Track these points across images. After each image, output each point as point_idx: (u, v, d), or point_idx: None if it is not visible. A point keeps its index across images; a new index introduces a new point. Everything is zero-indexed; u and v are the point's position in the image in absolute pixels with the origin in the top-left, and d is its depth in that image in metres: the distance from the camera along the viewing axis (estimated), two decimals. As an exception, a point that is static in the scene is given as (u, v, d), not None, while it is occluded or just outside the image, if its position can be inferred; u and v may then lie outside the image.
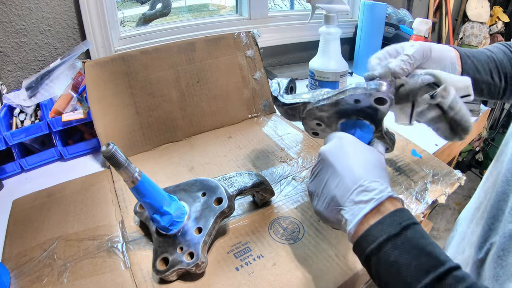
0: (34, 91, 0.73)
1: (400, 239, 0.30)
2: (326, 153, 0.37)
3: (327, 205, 0.36)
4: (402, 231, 0.30)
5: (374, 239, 0.31)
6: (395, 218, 0.31)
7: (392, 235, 0.30)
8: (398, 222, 0.31)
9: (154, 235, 0.46)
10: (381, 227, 0.31)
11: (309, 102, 0.45)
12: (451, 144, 0.84)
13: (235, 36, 0.80)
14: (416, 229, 0.31)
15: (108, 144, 0.37)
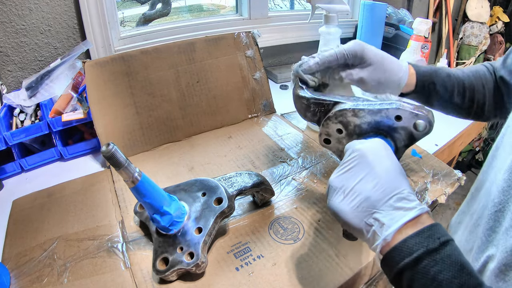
0: (34, 91, 0.73)
1: (440, 254, 0.28)
2: (365, 151, 0.34)
3: (357, 205, 0.33)
4: (441, 246, 0.29)
5: (411, 251, 0.29)
6: (433, 232, 0.29)
7: (431, 249, 0.28)
8: (436, 237, 0.29)
9: (154, 235, 0.46)
10: (419, 239, 0.29)
11: (345, 103, 0.42)
12: (451, 144, 0.84)
13: (235, 36, 0.80)
14: (453, 245, 0.29)
15: (108, 144, 0.37)
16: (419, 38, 0.98)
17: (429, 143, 0.78)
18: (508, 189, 0.32)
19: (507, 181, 0.33)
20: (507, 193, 0.33)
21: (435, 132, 0.88)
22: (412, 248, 0.29)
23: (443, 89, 0.52)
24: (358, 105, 0.41)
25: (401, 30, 1.19)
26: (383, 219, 0.31)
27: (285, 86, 1.10)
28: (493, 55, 2.04)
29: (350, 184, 0.34)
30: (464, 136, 0.92)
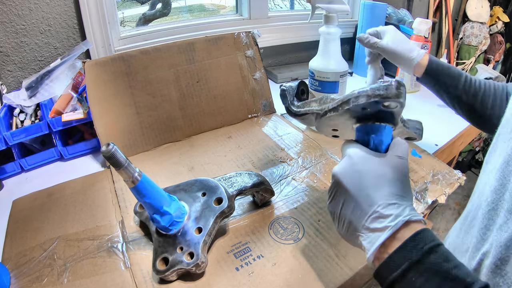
0: (34, 91, 0.73)
1: (424, 265, 0.29)
2: (338, 176, 0.35)
3: (346, 229, 0.35)
4: (424, 256, 0.29)
5: (397, 266, 0.30)
6: (416, 243, 0.30)
7: (414, 262, 0.29)
8: (420, 247, 0.30)
9: (154, 235, 0.46)
10: (403, 254, 0.30)
11: (318, 113, 0.40)
12: (451, 144, 0.84)
13: (235, 36, 0.80)
14: (439, 251, 0.30)
15: (108, 144, 0.37)
16: (419, 38, 0.98)
17: (429, 143, 0.78)
18: (500, 188, 0.33)
19: (499, 180, 0.33)
20: (499, 191, 0.33)
21: (435, 132, 0.88)
22: (398, 262, 0.30)
23: (451, 81, 0.60)
24: (327, 112, 0.38)
25: (401, 30, 1.19)
26: (364, 242, 0.33)
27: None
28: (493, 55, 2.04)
29: (337, 211, 0.35)
30: (464, 136, 0.92)
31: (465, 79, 0.60)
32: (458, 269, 0.29)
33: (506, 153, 0.34)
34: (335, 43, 0.73)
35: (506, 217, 0.32)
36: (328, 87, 0.76)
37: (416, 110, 0.96)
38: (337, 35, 0.73)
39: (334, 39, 0.73)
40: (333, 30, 0.72)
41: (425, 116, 0.93)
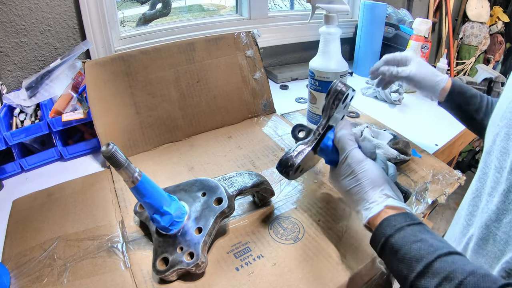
0: (34, 91, 0.73)
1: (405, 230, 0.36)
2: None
3: (350, 196, 0.43)
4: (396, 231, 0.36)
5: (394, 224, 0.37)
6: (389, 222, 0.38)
7: (387, 236, 0.36)
8: (413, 218, 0.37)
9: (154, 235, 0.46)
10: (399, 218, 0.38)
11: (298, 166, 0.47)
12: (451, 144, 0.84)
13: (235, 36, 0.80)
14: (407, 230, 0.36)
15: (108, 144, 0.37)
16: (419, 38, 0.98)
17: (429, 143, 0.78)
18: (483, 176, 0.37)
19: (482, 170, 0.37)
20: (483, 180, 0.37)
21: (435, 132, 0.88)
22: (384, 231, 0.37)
23: (470, 104, 0.60)
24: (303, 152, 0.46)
25: (401, 30, 1.20)
26: (362, 209, 0.41)
27: (285, 86, 1.10)
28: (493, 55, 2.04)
29: (352, 184, 0.43)
30: (464, 136, 0.92)
31: (480, 99, 0.60)
32: (421, 242, 0.34)
33: (488, 144, 0.37)
34: (335, 43, 0.73)
35: (486, 200, 0.35)
36: (328, 86, 0.76)
37: (416, 110, 0.96)
38: (337, 35, 0.73)
39: (334, 39, 0.73)
40: (333, 30, 0.72)
41: (425, 116, 0.93)
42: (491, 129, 0.38)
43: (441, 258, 0.31)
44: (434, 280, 0.30)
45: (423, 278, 0.31)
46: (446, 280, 0.29)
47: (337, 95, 0.46)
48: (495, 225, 0.33)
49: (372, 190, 0.40)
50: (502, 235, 0.33)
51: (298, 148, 0.46)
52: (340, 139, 0.45)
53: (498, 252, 0.33)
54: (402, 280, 0.34)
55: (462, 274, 0.29)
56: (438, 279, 0.30)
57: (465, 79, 0.94)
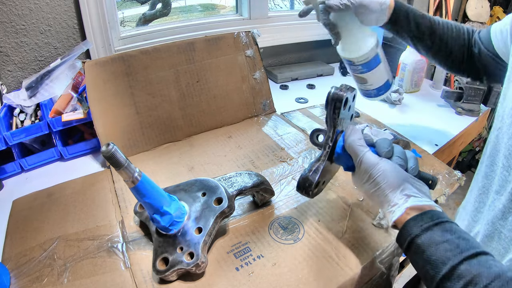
0: (34, 91, 0.73)
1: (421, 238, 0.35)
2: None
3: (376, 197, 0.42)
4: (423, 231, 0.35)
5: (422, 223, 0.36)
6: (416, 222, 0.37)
7: (413, 236, 0.36)
8: (420, 225, 0.36)
9: (154, 235, 0.46)
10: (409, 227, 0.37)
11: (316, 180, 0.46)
12: (451, 144, 0.84)
13: (235, 36, 0.80)
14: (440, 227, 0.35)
15: (108, 144, 0.37)
16: (419, 38, 0.97)
17: (429, 143, 0.78)
18: (491, 174, 0.37)
19: (489, 167, 0.37)
20: (490, 177, 0.37)
21: (435, 132, 0.88)
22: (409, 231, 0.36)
23: (416, 27, 0.59)
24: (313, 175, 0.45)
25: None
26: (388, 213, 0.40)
27: (285, 86, 1.10)
28: (493, 55, 2.03)
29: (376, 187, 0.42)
30: (464, 136, 0.92)
31: (429, 20, 0.60)
32: (448, 243, 0.33)
33: (492, 142, 0.38)
34: (352, 20, 0.63)
35: (493, 197, 0.35)
36: (372, 63, 0.67)
37: (416, 110, 0.96)
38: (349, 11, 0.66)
39: (350, 16, 0.63)
40: None
41: (425, 116, 0.93)
42: (496, 125, 0.38)
43: (467, 260, 0.31)
44: (459, 283, 0.30)
45: (448, 281, 0.31)
46: (471, 284, 0.29)
47: (335, 104, 0.44)
48: (500, 223, 0.34)
49: (392, 193, 0.39)
50: (507, 233, 0.33)
51: (312, 167, 0.45)
52: (350, 146, 0.44)
53: (503, 250, 0.33)
54: (428, 281, 0.34)
55: (487, 278, 0.29)
56: (463, 283, 0.30)
57: (465, 79, 0.94)
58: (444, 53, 0.62)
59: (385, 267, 0.49)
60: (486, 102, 0.95)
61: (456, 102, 0.96)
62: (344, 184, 0.61)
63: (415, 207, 0.37)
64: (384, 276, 0.50)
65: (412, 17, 0.59)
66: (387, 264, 0.49)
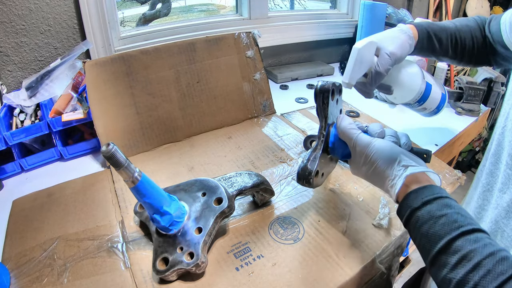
0: (34, 91, 0.73)
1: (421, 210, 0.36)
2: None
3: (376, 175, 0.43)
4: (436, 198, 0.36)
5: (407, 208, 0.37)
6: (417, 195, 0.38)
7: (413, 208, 0.37)
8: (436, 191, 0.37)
9: (154, 235, 0.46)
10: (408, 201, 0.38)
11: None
12: (451, 144, 0.84)
13: (235, 37, 0.80)
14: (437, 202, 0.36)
15: (108, 144, 0.37)
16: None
17: (429, 143, 0.78)
18: (495, 171, 0.38)
19: (494, 164, 0.38)
20: (495, 174, 0.37)
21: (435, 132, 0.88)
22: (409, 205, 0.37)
23: (439, 44, 0.60)
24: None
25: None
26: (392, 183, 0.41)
27: (285, 86, 1.10)
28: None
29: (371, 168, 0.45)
30: (464, 136, 0.92)
31: (449, 33, 0.60)
32: (446, 217, 0.34)
33: (497, 139, 0.38)
34: (394, 70, 0.59)
35: (497, 195, 0.36)
36: (426, 94, 0.63)
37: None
38: None
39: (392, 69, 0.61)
40: None
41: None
42: (500, 124, 0.39)
43: (463, 235, 0.32)
44: (454, 257, 0.31)
45: (444, 254, 0.32)
46: (465, 258, 0.30)
47: (323, 94, 0.48)
48: (504, 222, 0.34)
49: (390, 168, 0.40)
50: (510, 232, 0.33)
51: (310, 157, 0.48)
52: (343, 131, 0.46)
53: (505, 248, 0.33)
54: (424, 254, 0.34)
55: (481, 254, 0.29)
56: (458, 257, 0.30)
57: (465, 79, 0.94)
58: (468, 57, 0.62)
59: (385, 267, 0.49)
60: (486, 102, 0.95)
61: (456, 102, 0.96)
62: (344, 184, 0.61)
63: (414, 175, 0.39)
64: (384, 276, 0.50)
65: (434, 36, 0.59)
66: (387, 264, 0.49)
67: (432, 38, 0.59)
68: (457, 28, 0.61)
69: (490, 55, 0.62)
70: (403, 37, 0.55)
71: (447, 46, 0.60)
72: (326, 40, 1.30)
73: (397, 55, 0.54)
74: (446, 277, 0.31)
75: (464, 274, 0.29)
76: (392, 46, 0.54)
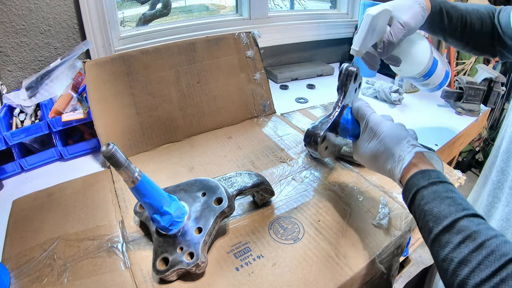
0: (34, 91, 0.73)
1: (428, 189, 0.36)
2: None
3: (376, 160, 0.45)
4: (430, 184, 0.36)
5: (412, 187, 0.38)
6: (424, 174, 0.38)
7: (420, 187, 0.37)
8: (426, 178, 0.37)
9: (154, 235, 0.46)
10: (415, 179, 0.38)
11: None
12: (451, 144, 0.84)
13: (235, 37, 0.80)
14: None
15: (108, 144, 0.37)
16: (419, 38, 0.97)
17: (429, 143, 0.78)
18: (506, 168, 0.38)
19: (505, 162, 0.38)
20: (506, 171, 0.37)
21: (435, 132, 0.88)
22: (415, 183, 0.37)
23: (449, 22, 0.59)
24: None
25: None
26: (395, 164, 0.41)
27: (285, 86, 1.10)
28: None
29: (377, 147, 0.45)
30: (464, 136, 0.92)
31: (460, 13, 0.60)
32: (452, 199, 0.34)
33: (508, 137, 0.38)
34: (405, 41, 0.59)
35: (508, 193, 0.36)
36: (432, 70, 0.63)
37: (416, 110, 0.96)
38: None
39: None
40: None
41: (425, 116, 0.93)
42: (511, 120, 0.39)
43: (468, 217, 0.32)
44: (458, 236, 0.31)
45: (448, 233, 0.32)
46: (470, 238, 0.30)
47: (348, 73, 0.51)
48: None
49: (398, 145, 0.41)
50: None
51: (322, 120, 0.50)
52: (358, 108, 0.47)
53: None
54: (426, 232, 0.34)
55: (485, 235, 0.29)
56: (462, 236, 0.30)
57: (465, 79, 0.94)
58: (473, 42, 0.62)
59: (385, 267, 0.49)
60: (486, 102, 0.95)
61: (456, 102, 0.96)
62: (344, 184, 0.61)
63: (422, 155, 0.39)
64: (384, 276, 0.50)
65: (445, 13, 0.58)
66: (387, 264, 0.49)
67: (443, 14, 0.58)
68: (468, 11, 0.60)
69: (496, 45, 0.61)
70: (417, 7, 0.54)
71: (456, 26, 0.59)
72: (326, 40, 1.30)
73: (411, 26, 0.53)
74: (448, 256, 0.30)
75: (468, 253, 0.29)
76: (406, 15, 0.53)
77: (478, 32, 0.60)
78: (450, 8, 0.59)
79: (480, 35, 0.61)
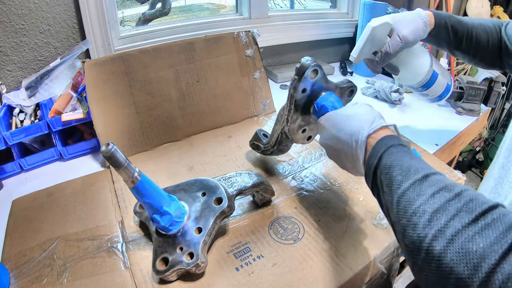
0: (34, 90, 0.73)
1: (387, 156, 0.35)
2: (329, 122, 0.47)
3: None
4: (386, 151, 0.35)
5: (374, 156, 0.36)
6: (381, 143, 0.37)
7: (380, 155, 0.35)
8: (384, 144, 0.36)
9: (154, 235, 0.46)
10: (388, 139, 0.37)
11: (282, 128, 0.53)
12: (451, 144, 0.84)
13: (234, 36, 0.80)
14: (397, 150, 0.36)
15: (107, 144, 0.37)
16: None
17: (429, 143, 0.78)
18: (507, 164, 0.38)
19: (507, 158, 0.39)
20: (506, 167, 0.38)
21: (435, 132, 0.88)
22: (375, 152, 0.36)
23: (454, 35, 0.61)
24: (286, 119, 0.54)
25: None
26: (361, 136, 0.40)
27: (285, 86, 1.10)
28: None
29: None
30: (464, 136, 0.92)
31: (466, 27, 0.61)
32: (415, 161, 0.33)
33: (511, 134, 0.39)
34: (404, 53, 0.62)
35: (507, 190, 0.37)
36: (431, 81, 0.66)
37: (416, 110, 0.96)
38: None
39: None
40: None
41: (425, 116, 0.93)
42: None
43: (440, 174, 0.31)
44: (432, 187, 0.29)
45: (419, 186, 0.29)
46: (445, 189, 0.28)
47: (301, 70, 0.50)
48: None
49: (371, 115, 0.42)
50: None
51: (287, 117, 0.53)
52: None
53: None
54: (393, 189, 0.31)
55: (459, 187, 0.28)
56: (437, 187, 0.28)
57: (465, 78, 0.94)
58: (480, 55, 0.63)
59: (385, 267, 0.49)
60: (486, 102, 0.95)
61: (456, 102, 0.96)
62: (344, 184, 0.61)
63: (390, 131, 0.39)
64: (384, 276, 0.50)
65: (450, 27, 0.60)
66: (387, 264, 0.49)
67: (448, 29, 0.60)
68: (474, 25, 0.61)
69: (504, 58, 0.62)
70: (419, 22, 0.56)
71: (461, 39, 0.61)
72: (326, 40, 1.30)
73: (409, 40, 0.55)
74: (419, 208, 0.28)
75: (444, 202, 0.27)
76: (406, 30, 0.55)
77: (484, 45, 0.61)
78: (456, 23, 0.60)
79: (487, 48, 0.61)
